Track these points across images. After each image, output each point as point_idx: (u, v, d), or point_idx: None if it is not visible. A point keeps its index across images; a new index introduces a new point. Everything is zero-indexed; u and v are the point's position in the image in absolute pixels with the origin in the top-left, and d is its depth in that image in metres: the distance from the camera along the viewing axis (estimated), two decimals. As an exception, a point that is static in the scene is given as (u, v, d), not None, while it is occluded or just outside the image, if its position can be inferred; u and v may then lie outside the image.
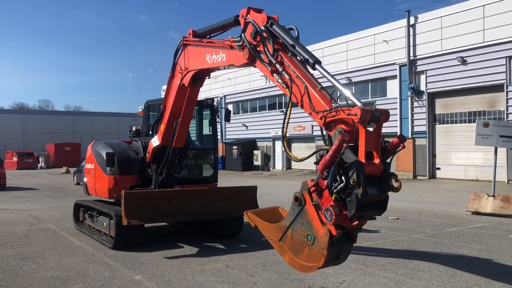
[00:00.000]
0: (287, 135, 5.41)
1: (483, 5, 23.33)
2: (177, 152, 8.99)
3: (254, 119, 40.86)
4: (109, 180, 9.44)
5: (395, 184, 4.54)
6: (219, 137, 10.99)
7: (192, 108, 8.88)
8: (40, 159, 52.02)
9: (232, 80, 42.62)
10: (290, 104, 5.29)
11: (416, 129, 26.88)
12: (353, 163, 4.25)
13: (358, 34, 30.46)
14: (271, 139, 37.94)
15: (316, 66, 5.26)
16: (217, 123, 10.92)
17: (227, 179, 25.19)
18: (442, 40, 25.24)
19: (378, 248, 8.60)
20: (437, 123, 26.32)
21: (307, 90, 5.09)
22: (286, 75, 5.39)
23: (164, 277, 6.71)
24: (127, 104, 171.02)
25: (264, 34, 5.75)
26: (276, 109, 37.82)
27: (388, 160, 4.64)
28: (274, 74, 5.55)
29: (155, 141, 9.16)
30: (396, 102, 27.89)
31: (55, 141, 55.56)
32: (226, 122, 11.09)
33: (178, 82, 8.39)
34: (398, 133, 27.61)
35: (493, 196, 12.56)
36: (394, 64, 27.82)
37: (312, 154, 4.96)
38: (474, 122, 22.95)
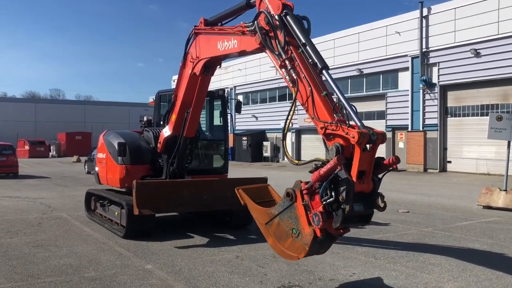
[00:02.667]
0: (297, 126, 5.45)
1: (498, -4, 22.97)
2: (188, 142, 9.03)
3: (264, 110, 40.80)
4: (121, 169, 9.50)
5: (381, 204, 4.95)
6: (229, 128, 11.01)
7: (203, 97, 8.89)
8: (51, 147, 52.48)
9: (242, 71, 42.52)
10: (294, 105, 5.41)
11: (427, 121, 26.67)
12: (344, 181, 4.57)
13: (370, 26, 30.16)
14: (281, 131, 37.86)
15: (324, 72, 5.30)
16: (228, 114, 10.93)
17: (237, 170, 25.27)
18: (456, 32, 24.92)
19: (388, 241, 8.59)
20: (448, 116, 26.08)
21: (312, 95, 5.18)
22: (293, 74, 5.44)
23: (175, 267, 6.76)
24: (138, 94, 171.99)
25: (277, 23, 5.74)
26: (286, 100, 37.70)
27: (380, 177, 4.91)
28: (283, 69, 5.60)
29: (166, 131, 9.20)
30: (408, 95, 27.67)
31: (66, 130, 56.03)
32: (237, 113, 11.09)
33: (190, 71, 8.39)
34: (409, 126, 27.44)
35: (505, 190, 12.46)
36: (406, 56, 27.54)
37: (309, 162, 5.15)
38: (486, 115, 22.73)
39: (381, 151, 29.30)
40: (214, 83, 42.78)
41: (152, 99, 11.87)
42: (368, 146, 4.70)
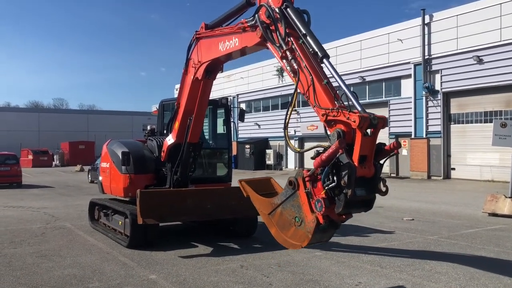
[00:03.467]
0: (301, 134, 5.47)
1: (500, 4, 22.98)
2: (191, 149, 9.01)
3: (266, 118, 40.81)
4: (125, 179, 9.48)
5: (383, 189, 4.92)
6: (232, 136, 11.00)
7: (206, 102, 8.91)
8: (54, 157, 52.56)
9: (245, 79, 42.63)
10: (295, 94, 5.55)
11: (430, 129, 26.61)
12: (346, 165, 4.58)
13: (372, 33, 30.23)
14: (284, 138, 37.77)
15: (324, 61, 5.40)
16: (232, 123, 10.92)
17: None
18: (458, 39, 24.93)
19: (393, 249, 8.53)
20: (452, 123, 26.02)
21: (313, 83, 5.27)
22: (294, 64, 5.55)
23: (179, 277, 6.72)
24: (140, 103, 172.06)
25: (277, 16, 5.84)
26: (289, 108, 37.69)
27: (382, 162, 4.94)
28: (284, 60, 5.71)
29: (169, 139, 9.21)
30: (411, 102, 27.64)
31: (69, 140, 56.18)
32: (240, 122, 11.09)
33: (192, 77, 8.46)
34: (413, 133, 27.38)
35: (510, 197, 12.36)
36: (408, 63, 27.56)
37: (311, 149, 5.22)
38: (489, 122, 22.68)
39: (385, 158, 29.34)
40: (217, 92, 42.92)
41: (155, 108, 11.92)
42: (369, 131, 4.74)
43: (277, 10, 5.86)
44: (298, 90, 5.49)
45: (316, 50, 5.39)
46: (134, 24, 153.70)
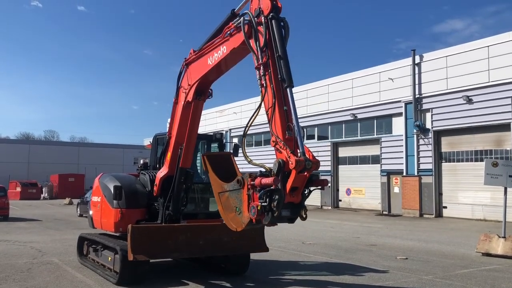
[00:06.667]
0: None
1: (488, 46, 23.60)
2: (183, 179, 8.94)
3: (258, 152, 40.80)
4: (116, 213, 9.34)
5: (303, 215, 6.00)
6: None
7: (197, 125, 8.98)
8: (43, 189, 51.84)
9: (238, 114, 42.90)
10: (258, 109, 6.30)
11: (422, 166, 26.73)
12: (278, 192, 5.63)
13: (364, 72, 30.77)
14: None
15: (287, 90, 6.07)
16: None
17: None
18: (448, 79, 25.42)
19: (388, 289, 8.38)
20: (443, 161, 26.19)
21: (274, 107, 6.09)
22: (263, 81, 6.22)
23: (170, 316, 6.52)
24: (132, 136, 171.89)
25: (261, 20, 6.28)
26: (281, 144, 37.83)
27: (312, 189, 6.00)
28: (257, 71, 6.30)
29: (162, 172, 9.21)
30: (402, 140, 27.86)
31: (59, 172, 55.53)
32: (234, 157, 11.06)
33: (183, 103, 8.58)
34: (404, 170, 27.48)
35: (504, 237, 12.32)
36: (399, 101, 27.94)
37: (258, 165, 6.22)
38: (480, 161, 22.87)
39: (376, 196, 29.32)
40: (210, 126, 43.13)
41: (148, 142, 11.91)
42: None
43: (263, 18, 6.24)
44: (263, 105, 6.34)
45: (284, 77, 6.01)
46: (127, 58, 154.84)
